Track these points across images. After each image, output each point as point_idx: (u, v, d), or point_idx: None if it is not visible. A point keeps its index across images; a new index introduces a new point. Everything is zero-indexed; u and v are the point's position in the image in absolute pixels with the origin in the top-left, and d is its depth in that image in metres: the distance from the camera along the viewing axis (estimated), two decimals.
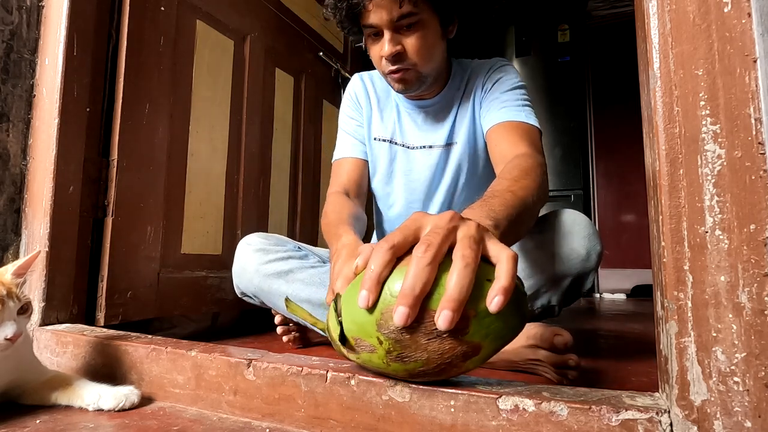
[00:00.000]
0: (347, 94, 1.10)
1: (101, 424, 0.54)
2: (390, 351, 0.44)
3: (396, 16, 0.83)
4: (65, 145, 0.85)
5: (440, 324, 0.40)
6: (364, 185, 1.04)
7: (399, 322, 0.41)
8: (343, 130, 1.08)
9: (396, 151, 1.03)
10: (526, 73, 3.20)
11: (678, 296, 0.39)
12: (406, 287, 0.41)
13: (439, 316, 0.40)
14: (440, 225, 0.44)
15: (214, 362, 0.59)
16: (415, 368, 0.45)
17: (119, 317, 0.94)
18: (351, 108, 1.08)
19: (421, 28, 0.85)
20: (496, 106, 0.92)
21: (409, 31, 0.85)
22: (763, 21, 0.38)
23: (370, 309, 0.44)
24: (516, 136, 0.85)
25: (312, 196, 1.65)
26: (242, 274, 0.94)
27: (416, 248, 0.43)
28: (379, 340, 0.44)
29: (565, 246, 0.81)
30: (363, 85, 1.07)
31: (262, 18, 1.41)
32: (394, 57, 0.85)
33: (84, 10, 0.90)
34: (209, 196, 1.21)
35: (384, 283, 0.44)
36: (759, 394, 0.36)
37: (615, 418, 0.40)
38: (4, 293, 0.55)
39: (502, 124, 0.88)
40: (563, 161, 3.05)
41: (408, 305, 0.40)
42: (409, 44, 0.85)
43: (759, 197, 0.37)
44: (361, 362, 0.48)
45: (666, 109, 0.41)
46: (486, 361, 0.47)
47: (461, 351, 0.43)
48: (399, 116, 1.03)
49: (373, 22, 0.84)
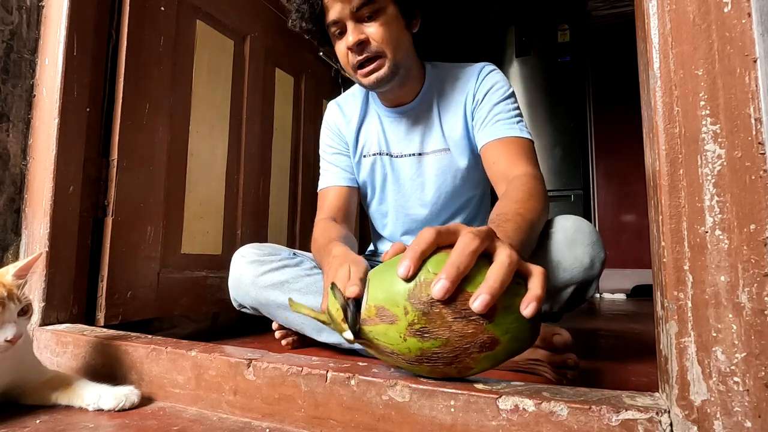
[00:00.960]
0: (325, 123, 1.11)
1: (101, 424, 0.54)
2: (413, 323, 0.45)
3: (356, 5, 0.84)
4: (65, 145, 0.85)
5: (476, 306, 0.43)
6: (352, 210, 1.05)
7: (438, 293, 0.43)
8: (325, 159, 1.09)
9: (384, 161, 1.04)
10: (526, 73, 3.20)
11: (678, 296, 0.39)
12: (451, 262, 0.44)
13: (476, 298, 0.43)
14: (482, 230, 0.47)
15: (214, 362, 0.59)
16: (431, 348, 0.45)
17: (119, 317, 0.94)
18: (330, 137, 1.09)
19: (382, 15, 0.87)
20: (490, 120, 0.93)
21: (371, 20, 0.87)
22: (763, 21, 0.38)
23: (408, 279, 0.46)
24: (514, 153, 0.88)
25: (312, 196, 1.65)
26: (239, 287, 0.94)
27: (463, 236, 0.46)
28: (405, 311, 0.45)
29: (569, 254, 0.80)
30: (340, 110, 1.09)
31: (262, 18, 1.41)
32: (359, 45, 0.86)
33: (84, 10, 0.90)
34: (209, 196, 1.21)
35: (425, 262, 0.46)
36: (759, 394, 0.36)
37: (615, 418, 0.40)
38: (5, 295, 0.55)
39: (498, 141, 0.90)
40: (563, 161, 3.05)
41: (450, 279, 0.43)
42: (372, 32, 0.87)
43: (759, 197, 0.37)
44: (372, 336, 0.48)
45: (666, 109, 0.41)
46: (496, 364, 0.48)
47: (480, 340, 0.45)
48: (381, 126, 1.04)
49: (335, 17, 0.86)
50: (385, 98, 1.01)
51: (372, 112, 1.05)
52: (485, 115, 0.94)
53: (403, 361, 0.48)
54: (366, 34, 0.86)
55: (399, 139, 1.02)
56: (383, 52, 0.88)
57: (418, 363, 0.47)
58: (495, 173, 0.89)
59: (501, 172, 0.87)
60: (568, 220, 0.85)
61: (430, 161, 1.00)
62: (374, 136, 1.04)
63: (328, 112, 1.11)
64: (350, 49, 0.88)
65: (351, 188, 1.06)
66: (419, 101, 1.00)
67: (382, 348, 0.48)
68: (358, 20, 0.86)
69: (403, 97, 0.99)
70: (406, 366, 0.49)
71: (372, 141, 1.05)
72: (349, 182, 1.06)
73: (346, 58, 0.91)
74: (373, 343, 0.49)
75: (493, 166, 0.90)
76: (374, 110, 1.05)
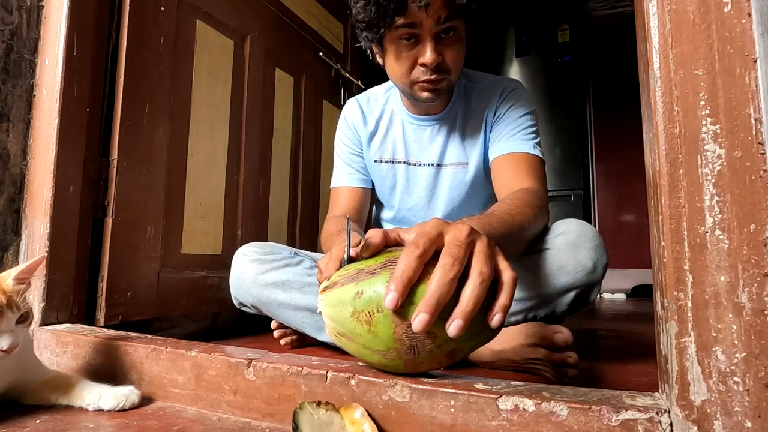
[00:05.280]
0: (343, 120, 1.09)
1: (101, 424, 0.54)
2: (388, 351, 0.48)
3: (443, 17, 0.80)
4: (65, 145, 0.85)
5: (450, 330, 0.43)
6: (364, 213, 1.05)
7: (418, 327, 0.43)
8: (339, 157, 1.08)
9: (397, 169, 1.04)
10: (526, 73, 3.20)
11: (678, 296, 0.39)
12: (430, 298, 0.43)
13: (451, 323, 0.43)
14: (460, 239, 0.46)
15: (214, 362, 0.59)
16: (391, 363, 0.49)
17: (119, 317, 0.94)
18: (346, 136, 1.08)
19: (458, 39, 0.85)
20: (506, 134, 0.93)
21: (449, 40, 0.84)
22: (763, 21, 0.38)
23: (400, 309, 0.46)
24: (522, 169, 0.88)
25: (312, 196, 1.65)
26: (239, 285, 0.94)
27: (443, 259, 0.45)
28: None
29: (572, 258, 0.80)
30: (360, 109, 1.07)
31: (262, 18, 1.41)
32: (436, 66, 0.83)
33: (84, 10, 0.90)
34: (209, 196, 1.21)
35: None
36: (759, 394, 0.36)
37: (615, 418, 0.40)
38: (4, 303, 0.54)
39: (509, 155, 0.90)
40: (563, 161, 3.05)
41: (429, 313, 0.43)
42: (448, 54, 0.84)
43: (759, 197, 0.37)
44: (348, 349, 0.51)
45: (666, 109, 0.41)
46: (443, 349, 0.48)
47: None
48: (404, 134, 1.03)
49: (416, 20, 0.80)
50: (417, 107, 0.99)
51: (395, 118, 1.04)
52: (502, 130, 0.94)
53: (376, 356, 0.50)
54: (442, 54, 0.83)
55: (420, 149, 1.02)
56: (451, 74, 0.87)
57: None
58: (500, 186, 0.90)
59: (506, 185, 0.87)
60: (571, 224, 0.84)
61: (447, 173, 1.01)
62: (393, 144, 1.04)
63: (347, 108, 1.09)
64: (423, 65, 0.83)
65: (365, 190, 1.06)
66: (446, 113, 0.99)
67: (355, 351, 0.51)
68: (437, 37, 0.82)
69: (434, 108, 0.99)
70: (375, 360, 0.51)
71: (389, 148, 1.04)
72: (363, 183, 1.06)
73: (408, 69, 0.86)
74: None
75: (500, 179, 0.90)
76: (398, 116, 1.04)
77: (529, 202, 0.77)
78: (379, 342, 0.47)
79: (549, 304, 0.83)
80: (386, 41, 0.86)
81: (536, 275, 0.82)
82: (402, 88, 0.93)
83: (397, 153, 1.03)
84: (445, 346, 0.46)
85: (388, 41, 0.86)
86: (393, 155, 1.04)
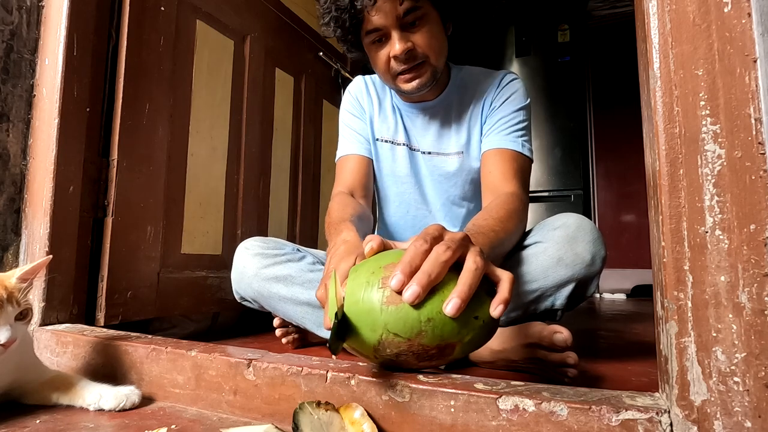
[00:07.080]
0: (348, 94, 1.09)
1: (101, 424, 0.54)
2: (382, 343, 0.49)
3: (401, 12, 0.83)
4: (65, 145, 0.85)
5: (448, 310, 0.46)
6: (370, 185, 1.04)
7: (409, 298, 0.46)
8: (346, 126, 1.07)
9: (398, 151, 1.03)
10: (526, 73, 3.20)
11: (678, 296, 0.39)
12: (422, 273, 0.46)
13: (448, 303, 0.46)
14: (455, 238, 0.51)
15: (214, 362, 0.59)
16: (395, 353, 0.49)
17: (119, 317, 0.94)
18: (353, 107, 1.07)
19: (426, 22, 0.86)
20: (497, 128, 0.94)
21: (416, 27, 0.86)
22: (763, 21, 0.38)
23: (417, 305, 0.47)
24: (509, 169, 0.90)
25: (312, 196, 1.65)
26: (241, 279, 0.94)
27: (438, 248, 0.49)
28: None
29: (570, 251, 0.81)
30: (365, 86, 1.07)
31: (262, 18, 1.41)
32: (407, 54, 0.85)
33: (84, 10, 0.90)
34: (209, 196, 1.21)
35: None
36: (759, 394, 0.36)
37: (615, 418, 0.40)
38: (4, 297, 0.54)
39: (499, 151, 0.92)
40: (563, 161, 3.05)
41: (421, 286, 0.46)
42: (418, 39, 0.86)
43: (759, 197, 0.37)
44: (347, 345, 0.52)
45: (666, 109, 0.41)
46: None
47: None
48: (402, 119, 1.04)
49: (378, 25, 0.84)
50: (409, 97, 1.00)
51: (391, 102, 1.05)
52: (495, 122, 0.95)
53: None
54: (411, 41, 0.85)
55: (417, 135, 1.03)
56: (427, 58, 0.88)
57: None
58: (487, 183, 0.92)
59: (492, 185, 0.90)
60: (570, 218, 0.85)
61: (441, 162, 1.01)
62: (392, 125, 1.04)
63: (353, 84, 1.10)
64: (395, 58, 0.86)
65: (370, 160, 1.05)
66: (440, 101, 1.00)
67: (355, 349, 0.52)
68: (402, 28, 0.85)
69: (425, 95, 0.99)
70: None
71: (389, 128, 1.04)
72: (369, 153, 1.05)
73: (386, 66, 0.89)
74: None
75: (488, 176, 0.92)
76: (394, 102, 1.05)
77: (512, 213, 0.79)
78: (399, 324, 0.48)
79: (548, 297, 0.83)
80: (365, 46, 0.92)
81: (535, 268, 0.82)
82: (389, 85, 0.95)
83: (396, 136, 1.03)
84: (439, 334, 0.47)
85: (366, 46, 0.91)
86: (393, 137, 1.04)
